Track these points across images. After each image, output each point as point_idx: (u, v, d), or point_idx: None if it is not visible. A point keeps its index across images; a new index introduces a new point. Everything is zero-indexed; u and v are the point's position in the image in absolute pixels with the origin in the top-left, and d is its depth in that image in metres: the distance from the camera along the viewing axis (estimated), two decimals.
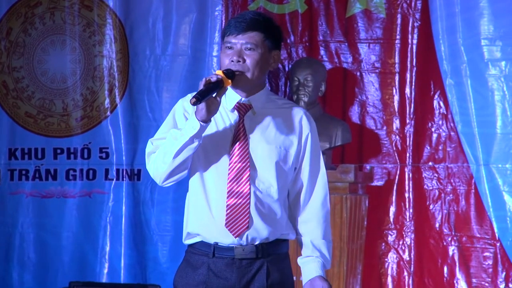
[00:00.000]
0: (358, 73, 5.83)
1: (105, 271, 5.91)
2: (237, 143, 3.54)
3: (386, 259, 5.75)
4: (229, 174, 3.51)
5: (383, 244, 5.76)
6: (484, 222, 5.62)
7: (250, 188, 3.50)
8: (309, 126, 3.60)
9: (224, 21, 6.05)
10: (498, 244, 5.55)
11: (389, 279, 5.78)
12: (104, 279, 5.88)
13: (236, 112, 3.54)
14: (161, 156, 3.56)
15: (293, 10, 5.84)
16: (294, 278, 4.64)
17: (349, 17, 5.81)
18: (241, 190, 3.52)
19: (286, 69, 5.89)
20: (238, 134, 3.56)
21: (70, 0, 6.04)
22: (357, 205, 5.44)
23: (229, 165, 3.51)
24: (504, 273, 5.59)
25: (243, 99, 3.54)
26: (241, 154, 3.54)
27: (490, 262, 5.62)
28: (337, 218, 5.33)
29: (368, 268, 5.69)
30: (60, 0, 6.04)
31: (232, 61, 3.47)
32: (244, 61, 3.48)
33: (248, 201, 3.49)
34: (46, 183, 5.99)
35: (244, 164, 3.51)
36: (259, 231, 3.53)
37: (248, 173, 3.52)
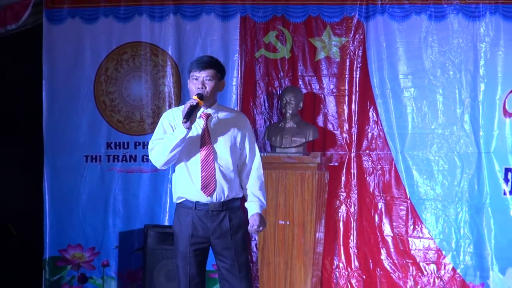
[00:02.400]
0: (323, 96, 6.82)
1: (166, 217, 6.90)
2: (205, 138, 4.31)
3: (339, 211, 6.79)
4: (201, 157, 4.29)
5: (337, 201, 6.78)
6: (400, 187, 6.68)
7: (215, 165, 4.28)
8: (246, 122, 4.43)
9: (239, 64, 6.79)
10: (409, 202, 6.65)
11: (341, 223, 6.80)
12: (165, 223, 6.86)
13: (202, 118, 4.33)
14: (161, 151, 4.24)
15: (282, 56, 6.82)
16: (288, 222, 6.29)
17: (317, 61, 6.77)
18: (209, 166, 4.28)
19: (278, 93, 6.81)
20: (204, 132, 4.35)
21: (144, 50, 6.95)
22: (322, 177, 6.51)
23: (200, 151, 4.29)
24: (412, 219, 6.67)
25: (205, 110, 4.33)
26: (207, 144, 4.31)
27: (404, 212, 6.69)
28: (310, 185, 6.41)
29: (328, 216, 6.71)
30: (138, 50, 6.94)
31: (199, 87, 4.27)
32: (206, 87, 4.27)
33: (214, 173, 4.29)
34: (130, 163, 6.99)
35: (209, 150, 4.29)
36: (222, 191, 4.30)
37: (213, 155, 4.28)
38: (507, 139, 6.44)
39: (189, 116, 4.14)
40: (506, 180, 6.43)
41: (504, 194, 6.45)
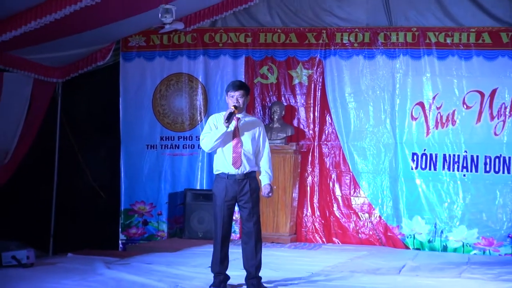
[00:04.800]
0: (297, 107, 8.40)
1: (198, 184, 8.47)
2: (235, 132, 5.02)
3: (307, 180, 8.37)
4: (232, 144, 5.04)
5: (306, 173, 8.37)
6: (346, 165, 8.32)
7: (241, 150, 5.03)
8: (261, 124, 5.17)
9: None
10: (351, 174, 8.26)
11: (308, 188, 8.37)
12: (198, 187, 8.43)
13: (234, 120, 5.06)
14: (210, 140, 4.95)
15: (271, 82, 8.46)
16: (275, 187, 7.53)
17: (293, 85, 8.44)
18: (238, 151, 5.01)
19: (269, 105, 8.37)
20: (235, 129, 5.08)
21: (184, 78, 8.45)
22: (296, 159, 8.14)
23: (232, 141, 5.03)
24: (353, 185, 8.25)
25: (237, 115, 5.05)
26: (237, 136, 4.99)
27: (348, 181, 8.28)
28: (289, 164, 7.99)
29: (300, 183, 8.31)
30: (180, 78, 8.47)
31: (234, 102, 4.99)
32: (239, 102, 5.01)
33: (240, 155, 5.01)
34: (175, 150, 8.51)
35: (238, 140, 4.97)
36: (245, 166, 5.07)
37: (240, 144, 5.02)
38: (413, 134, 8.18)
39: (229, 120, 4.92)
40: (413, 160, 8.11)
41: (412, 169, 8.11)
